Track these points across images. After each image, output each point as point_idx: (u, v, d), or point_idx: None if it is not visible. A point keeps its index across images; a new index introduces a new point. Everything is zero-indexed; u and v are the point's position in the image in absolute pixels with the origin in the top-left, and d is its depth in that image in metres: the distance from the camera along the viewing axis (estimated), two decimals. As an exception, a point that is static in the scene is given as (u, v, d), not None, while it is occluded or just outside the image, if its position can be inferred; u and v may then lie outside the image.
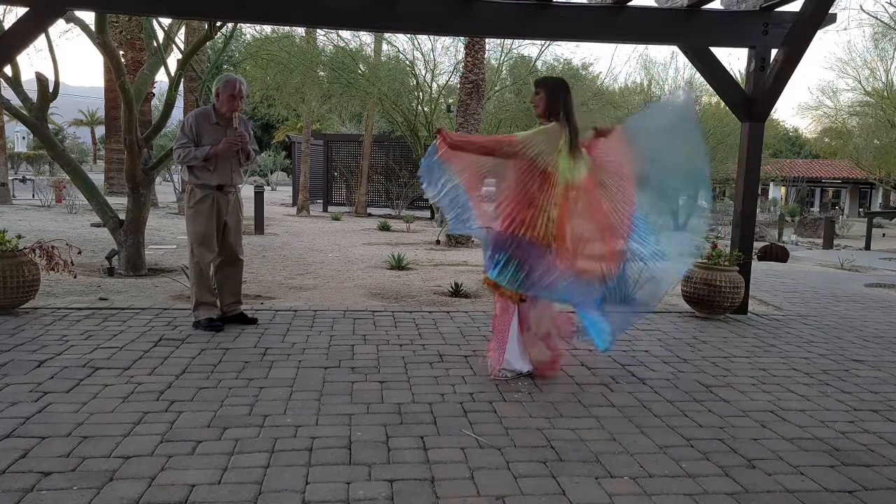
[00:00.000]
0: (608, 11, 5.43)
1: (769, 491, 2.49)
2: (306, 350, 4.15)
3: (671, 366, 4.12)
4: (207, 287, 4.58)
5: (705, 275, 5.50)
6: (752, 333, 5.12)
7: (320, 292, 6.34)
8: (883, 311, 6.34)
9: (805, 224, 20.86)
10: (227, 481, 2.40)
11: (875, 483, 2.59)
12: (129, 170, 6.71)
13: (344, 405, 3.20)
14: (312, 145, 19.69)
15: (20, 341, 4.08)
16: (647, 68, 26.76)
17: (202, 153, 4.38)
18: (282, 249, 9.99)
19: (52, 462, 2.49)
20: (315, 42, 17.01)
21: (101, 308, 5.09)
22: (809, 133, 35.77)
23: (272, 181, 41.05)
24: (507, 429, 2.98)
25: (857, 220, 25.98)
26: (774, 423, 3.20)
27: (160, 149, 11.79)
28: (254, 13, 5.42)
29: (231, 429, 2.86)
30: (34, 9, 4.91)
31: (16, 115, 6.94)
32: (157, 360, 3.83)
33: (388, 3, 5.22)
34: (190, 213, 4.50)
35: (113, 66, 6.91)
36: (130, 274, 6.74)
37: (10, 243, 4.81)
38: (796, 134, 46.52)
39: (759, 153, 5.79)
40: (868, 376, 4.07)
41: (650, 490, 2.45)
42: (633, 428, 3.05)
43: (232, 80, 4.49)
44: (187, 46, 9.52)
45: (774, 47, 5.59)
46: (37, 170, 35.36)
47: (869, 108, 21.33)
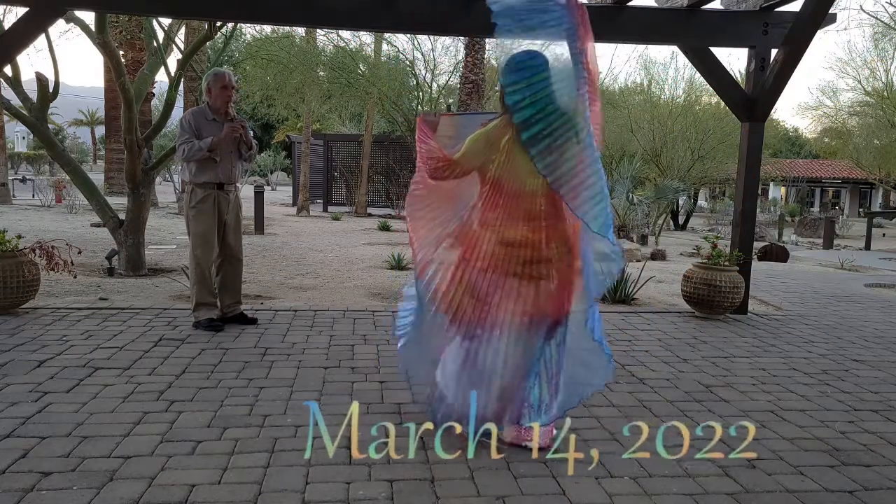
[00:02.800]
0: (608, 11, 5.43)
1: (769, 491, 2.49)
2: (306, 350, 4.15)
3: (671, 366, 4.12)
4: (208, 287, 4.58)
5: (705, 275, 5.50)
6: (752, 333, 5.12)
7: (320, 292, 6.34)
8: (883, 311, 6.34)
9: (805, 224, 20.86)
10: (227, 481, 2.40)
11: (875, 483, 2.59)
12: (129, 170, 6.71)
13: (344, 405, 3.20)
14: (312, 145, 19.68)
15: (20, 341, 4.08)
16: (647, 68, 26.67)
17: (206, 144, 4.39)
18: (282, 249, 9.99)
19: (52, 462, 2.49)
20: (315, 42, 17.01)
21: (101, 308, 5.09)
22: (809, 133, 35.83)
23: (272, 181, 41.03)
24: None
25: (857, 220, 25.98)
26: (774, 423, 3.20)
27: (160, 149, 11.78)
28: (254, 13, 5.42)
29: (231, 429, 2.86)
30: (34, 9, 4.91)
31: (16, 115, 6.94)
32: (157, 360, 3.83)
33: (388, 3, 5.22)
34: (192, 213, 4.50)
35: (113, 66, 6.90)
36: (130, 274, 6.74)
37: (10, 243, 4.81)
38: (796, 134, 46.52)
39: (759, 153, 5.79)
40: (868, 376, 4.07)
41: (650, 490, 2.45)
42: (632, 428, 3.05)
43: (220, 72, 4.55)
44: (187, 46, 9.51)
45: (774, 47, 5.59)
46: (37, 170, 35.34)
47: (869, 108, 21.32)
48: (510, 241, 2.68)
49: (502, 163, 2.69)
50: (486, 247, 2.70)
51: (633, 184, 14.82)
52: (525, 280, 2.68)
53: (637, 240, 13.65)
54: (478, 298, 2.70)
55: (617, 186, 13.95)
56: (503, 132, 2.69)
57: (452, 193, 2.94)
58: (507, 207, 2.69)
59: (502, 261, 2.68)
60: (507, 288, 2.69)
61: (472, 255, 2.73)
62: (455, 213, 2.91)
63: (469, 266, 2.73)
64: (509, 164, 2.68)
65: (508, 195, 2.69)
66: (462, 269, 2.75)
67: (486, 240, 2.71)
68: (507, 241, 2.68)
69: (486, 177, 2.74)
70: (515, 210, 2.69)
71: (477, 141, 2.75)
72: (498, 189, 2.71)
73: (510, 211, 2.69)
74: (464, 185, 2.89)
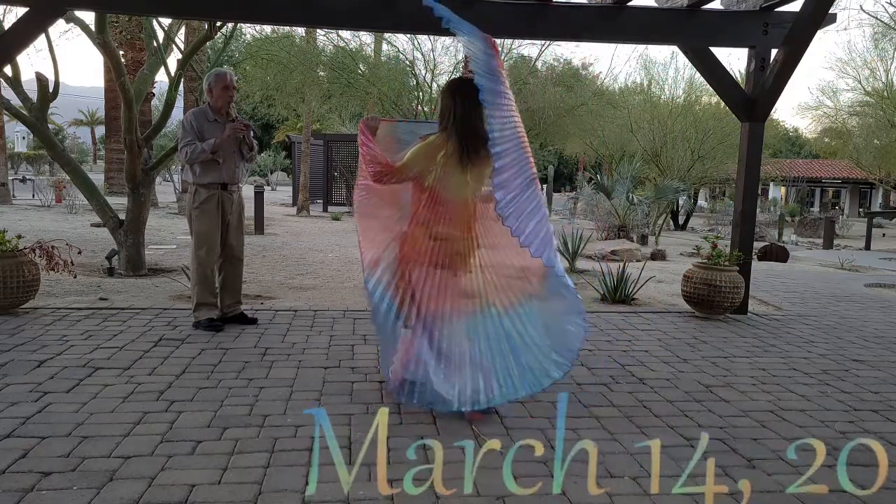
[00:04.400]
0: (608, 11, 5.43)
1: (769, 491, 2.49)
2: (306, 350, 4.15)
3: (671, 366, 4.12)
4: (209, 287, 4.58)
5: (705, 275, 5.50)
6: (752, 333, 5.12)
7: (320, 292, 6.34)
8: (883, 311, 6.34)
9: (805, 224, 20.86)
10: (227, 481, 2.40)
11: (875, 483, 2.58)
12: (129, 170, 6.71)
13: (344, 405, 3.20)
14: (312, 145, 19.68)
15: (20, 341, 4.08)
16: (647, 68, 26.60)
17: (209, 146, 4.39)
18: (282, 249, 9.99)
19: (52, 462, 2.49)
20: (315, 42, 16.99)
21: (101, 308, 5.09)
22: (809, 133, 35.77)
23: (272, 181, 41.03)
24: (507, 429, 2.98)
25: (857, 220, 25.98)
26: (774, 423, 3.20)
27: (160, 149, 11.78)
28: (254, 13, 5.42)
29: (231, 429, 2.86)
30: (34, 9, 4.91)
31: (16, 115, 6.94)
32: (157, 360, 3.83)
33: (388, 3, 5.22)
34: (195, 214, 4.50)
35: (113, 66, 6.91)
36: (130, 274, 6.74)
37: (10, 243, 4.81)
38: (796, 134, 46.51)
39: (759, 153, 5.79)
40: (868, 376, 4.07)
41: (650, 490, 2.44)
42: (633, 428, 3.05)
43: (222, 73, 4.55)
44: (187, 46, 9.52)
45: (774, 47, 5.59)
46: (37, 170, 35.34)
47: (869, 108, 21.30)
48: (440, 237, 3.04)
49: (438, 175, 3.04)
50: (421, 243, 3.05)
51: (633, 184, 14.82)
52: (452, 271, 3.05)
53: (637, 240, 13.64)
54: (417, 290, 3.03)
55: (617, 186, 13.95)
56: (439, 148, 3.05)
57: (394, 195, 3.29)
58: (439, 212, 3.05)
59: (433, 254, 3.03)
60: (439, 279, 3.03)
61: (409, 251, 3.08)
62: (398, 214, 3.27)
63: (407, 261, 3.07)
64: (444, 176, 3.04)
65: (442, 203, 3.05)
66: (402, 266, 3.09)
67: (419, 237, 3.06)
68: (436, 235, 3.05)
69: (423, 185, 3.08)
70: (447, 214, 3.05)
71: (417, 153, 3.08)
72: (433, 197, 3.06)
73: (442, 214, 3.05)
74: (404, 189, 3.23)
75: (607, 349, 4.44)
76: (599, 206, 14.22)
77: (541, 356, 3.03)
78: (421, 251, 3.04)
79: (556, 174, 34.13)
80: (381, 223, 3.30)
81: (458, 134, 3.05)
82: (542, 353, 3.03)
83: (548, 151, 30.24)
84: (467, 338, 3.02)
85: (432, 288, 3.02)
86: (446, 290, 3.03)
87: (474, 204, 3.11)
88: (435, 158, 3.05)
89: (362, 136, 3.18)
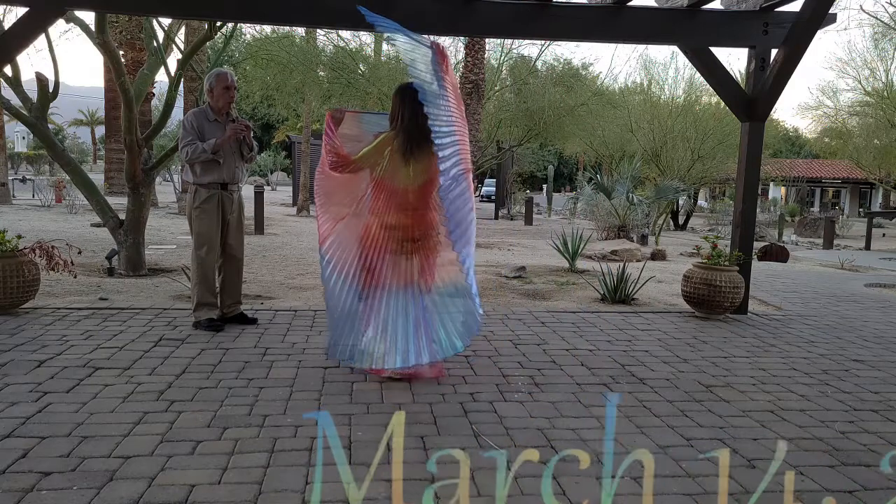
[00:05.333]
0: (608, 11, 5.43)
1: (769, 491, 2.49)
2: (306, 350, 4.15)
3: (671, 366, 4.12)
4: (210, 287, 4.58)
5: (705, 275, 5.50)
6: (752, 333, 5.12)
7: (320, 292, 6.33)
8: (883, 311, 6.34)
9: (805, 224, 20.85)
10: (227, 481, 2.40)
11: (875, 483, 2.59)
12: (129, 170, 6.71)
13: (344, 405, 3.20)
14: (312, 145, 19.66)
15: (20, 341, 4.08)
16: (647, 68, 26.63)
17: (210, 146, 4.40)
18: (282, 249, 9.99)
19: (52, 462, 2.49)
20: (315, 42, 16.99)
21: (101, 308, 5.09)
22: (809, 133, 35.77)
23: (272, 181, 41.05)
24: (507, 429, 2.98)
25: (857, 220, 25.98)
26: (774, 423, 3.20)
27: (160, 149, 11.78)
28: (254, 13, 5.42)
29: (231, 429, 2.86)
30: (34, 9, 4.91)
31: (16, 115, 6.94)
32: (157, 360, 3.83)
33: (388, 4, 5.21)
34: (195, 214, 4.50)
35: (113, 66, 6.90)
36: (130, 274, 6.74)
37: (10, 243, 4.81)
38: (796, 134, 46.52)
39: (759, 153, 5.79)
40: (868, 376, 4.06)
41: (650, 490, 2.44)
42: (633, 428, 3.05)
43: (223, 73, 4.56)
44: (187, 46, 9.52)
45: (774, 47, 5.59)
46: (37, 170, 35.37)
47: (869, 108, 21.31)
48: (389, 225, 3.53)
49: (384, 167, 3.53)
50: (374, 230, 3.55)
51: (633, 184, 14.80)
52: (401, 255, 3.54)
53: (637, 240, 13.63)
54: (369, 270, 3.56)
55: (617, 186, 13.94)
56: (386, 144, 3.53)
57: (347, 182, 3.75)
58: (387, 200, 3.54)
59: (384, 240, 3.53)
60: (389, 261, 3.54)
61: (365, 236, 3.58)
62: (350, 198, 3.75)
63: (363, 245, 3.58)
64: (390, 168, 3.52)
65: (388, 191, 3.54)
66: (359, 249, 3.60)
67: (373, 225, 3.56)
68: (387, 225, 3.53)
69: (372, 176, 3.60)
70: (393, 202, 3.53)
71: (369, 149, 3.56)
72: (381, 186, 3.56)
73: (389, 203, 3.54)
74: (356, 178, 3.73)
75: (607, 349, 4.44)
76: (599, 206, 14.20)
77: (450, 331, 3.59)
78: (377, 238, 3.54)
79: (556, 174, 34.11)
80: (334, 203, 3.80)
81: (405, 131, 3.51)
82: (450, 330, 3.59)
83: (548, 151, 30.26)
84: (403, 310, 3.54)
85: (384, 267, 3.55)
86: (393, 268, 3.55)
87: (414, 193, 3.56)
88: (383, 153, 3.53)
89: (327, 127, 3.63)
